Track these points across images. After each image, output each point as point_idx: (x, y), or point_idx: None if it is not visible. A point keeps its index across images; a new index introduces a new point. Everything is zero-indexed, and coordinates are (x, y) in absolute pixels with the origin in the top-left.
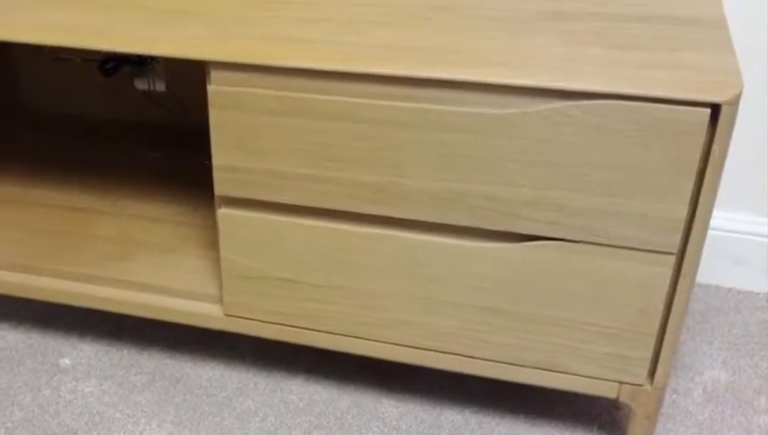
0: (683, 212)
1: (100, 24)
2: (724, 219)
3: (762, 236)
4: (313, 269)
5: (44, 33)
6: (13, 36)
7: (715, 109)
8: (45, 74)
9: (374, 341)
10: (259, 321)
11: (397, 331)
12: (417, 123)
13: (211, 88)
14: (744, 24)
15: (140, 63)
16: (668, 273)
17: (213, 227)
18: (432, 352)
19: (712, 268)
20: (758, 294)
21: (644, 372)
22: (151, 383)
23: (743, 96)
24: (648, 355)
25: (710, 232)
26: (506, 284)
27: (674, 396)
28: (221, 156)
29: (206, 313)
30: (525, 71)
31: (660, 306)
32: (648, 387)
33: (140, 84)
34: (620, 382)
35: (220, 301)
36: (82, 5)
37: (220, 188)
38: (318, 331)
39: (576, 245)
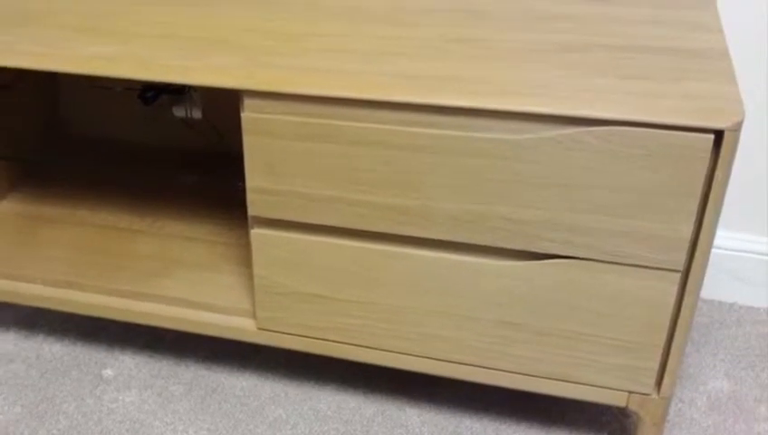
0: (688, 232)
1: (139, 55)
2: (727, 238)
3: (762, 254)
4: (341, 285)
5: (88, 64)
6: (59, 67)
7: (719, 135)
8: (89, 102)
9: (398, 353)
10: (290, 334)
11: (420, 344)
12: (438, 148)
13: (244, 115)
14: (745, 56)
15: (178, 92)
16: (674, 289)
17: (246, 245)
18: (453, 364)
19: (715, 284)
20: (758, 308)
21: (651, 382)
22: (188, 393)
23: (744, 123)
24: (656, 366)
25: (713, 250)
26: (522, 299)
27: (679, 405)
28: (254, 179)
29: (240, 326)
30: (540, 99)
31: (667, 320)
32: (655, 396)
33: (178, 112)
34: (629, 392)
35: (253, 315)
36: (123, 38)
37: (253, 209)
38: (346, 343)
39: (588, 262)
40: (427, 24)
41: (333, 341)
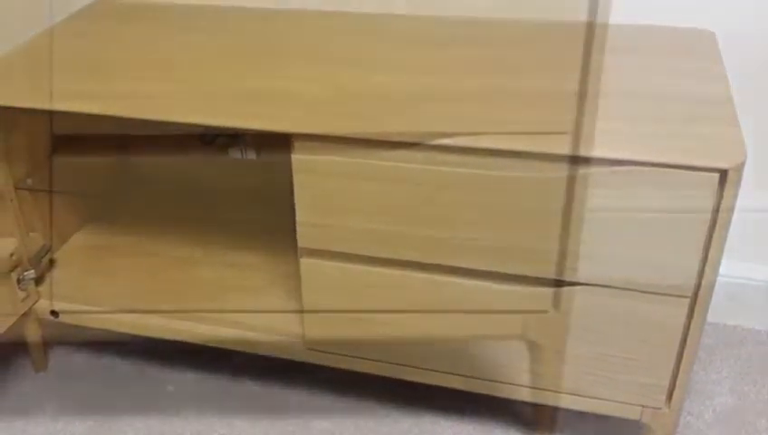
0: (696, 261)
1: (200, 102)
2: (731, 267)
3: (763, 281)
4: (381, 309)
5: (153, 110)
6: (127, 112)
7: (723, 173)
8: (153, 143)
9: (432, 370)
10: (335, 353)
11: (452, 362)
12: (468, 186)
13: (295, 156)
14: (746, 102)
15: (234, 135)
16: (683, 313)
17: (296, 274)
18: (482, 380)
19: (720, 309)
20: (759, 330)
21: (663, 397)
22: (243, 407)
23: (746, 162)
24: (666, 383)
25: (719, 278)
26: (546, 322)
27: (688, 418)
28: (303, 214)
29: (290, 346)
30: (561, 141)
31: (676, 341)
32: (666, 410)
33: (234, 153)
34: (643, 406)
35: (302, 336)
36: (185, 86)
37: (302, 240)
38: (385, 362)
39: (606, 289)
40: (458, 72)
41: (374, 359)
